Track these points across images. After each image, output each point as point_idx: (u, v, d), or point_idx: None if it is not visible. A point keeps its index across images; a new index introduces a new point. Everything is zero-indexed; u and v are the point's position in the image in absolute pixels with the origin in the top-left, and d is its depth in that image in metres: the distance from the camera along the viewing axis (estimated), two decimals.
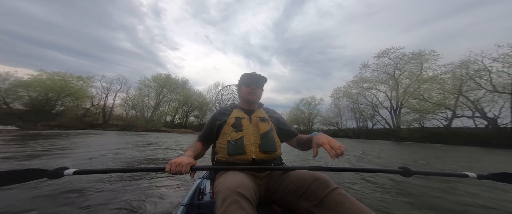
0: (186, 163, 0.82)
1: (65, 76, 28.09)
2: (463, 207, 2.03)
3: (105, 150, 5.47)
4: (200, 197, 1.10)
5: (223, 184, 0.72)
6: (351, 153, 7.00)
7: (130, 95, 34.27)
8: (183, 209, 0.97)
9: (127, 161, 4.13)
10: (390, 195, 2.28)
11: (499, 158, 7.46)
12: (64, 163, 3.26)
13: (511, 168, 5.28)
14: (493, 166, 5.43)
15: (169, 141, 10.04)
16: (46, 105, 26.59)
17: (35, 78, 25.47)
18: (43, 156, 4.24)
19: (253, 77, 1.15)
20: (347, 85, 33.42)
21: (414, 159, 6.22)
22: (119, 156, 4.72)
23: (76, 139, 8.81)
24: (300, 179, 0.82)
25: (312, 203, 0.74)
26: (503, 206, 2.09)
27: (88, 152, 5.02)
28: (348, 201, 0.67)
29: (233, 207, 0.61)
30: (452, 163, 5.67)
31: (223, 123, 1.08)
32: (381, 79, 28.82)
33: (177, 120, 39.10)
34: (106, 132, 17.57)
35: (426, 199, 2.23)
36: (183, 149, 6.49)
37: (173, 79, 37.46)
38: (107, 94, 32.15)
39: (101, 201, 1.90)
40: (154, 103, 35.69)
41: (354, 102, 32.21)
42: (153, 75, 36.40)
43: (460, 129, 20.74)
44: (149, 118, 33.39)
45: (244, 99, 1.19)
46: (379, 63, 28.57)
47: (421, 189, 2.55)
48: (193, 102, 38.32)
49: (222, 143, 1.03)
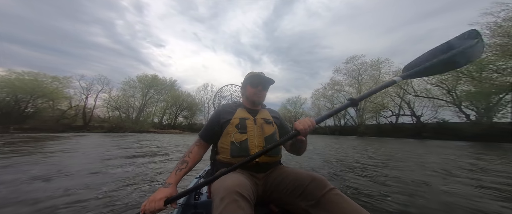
0: (158, 198, 0.78)
1: (38, 76, 26.19)
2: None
3: (78, 166, 3.45)
4: (197, 197, 1.08)
5: (221, 183, 0.72)
6: (325, 148, 8.79)
7: (113, 96, 33.16)
8: (179, 209, 0.96)
9: (103, 191, 2.20)
10: (389, 195, 2.20)
11: (410, 145, 10.30)
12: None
13: (408, 149, 7.26)
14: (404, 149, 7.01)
15: (163, 143, 8.77)
16: (16, 106, 24.59)
17: (3, 78, 23.43)
18: None
19: (261, 78, 1.10)
20: (323, 87, 37.86)
21: (353, 146, 7.74)
22: (91, 179, 2.65)
23: (46, 144, 7.10)
24: (298, 179, 0.83)
25: (309, 203, 0.75)
26: None
27: (46, 171, 3.04)
28: (344, 201, 0.69)
29: (231, 207, 0.61)
30: (379, 152, 6.96)
31: (226, 121, 1.05)
32: (349, 82, 33.93)
33: (166, 120, 38.55)
34: (89, 134, 16.34)
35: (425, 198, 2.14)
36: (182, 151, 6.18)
37: (160, 80, 36.78)
38: (88, 95, 30.76)
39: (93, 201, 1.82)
40: (139, 104, 35.13)
41: (330, 103, 36.86)
42: (138, 76, 35.34)
43: (402, 124, 26.61)
44: (135, 119, 32.90)
45: (249, 99, 1.14)
46: (348, 68, 33.44)
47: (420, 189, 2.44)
48: (181, 103, 38.09)
49: (225, 143, 1.00)
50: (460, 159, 5.10)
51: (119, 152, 5.59)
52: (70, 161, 4.08)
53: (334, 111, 0.85)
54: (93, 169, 3.32)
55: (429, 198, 2.19)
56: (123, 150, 5.99)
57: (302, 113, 45.41)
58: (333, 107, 35.09)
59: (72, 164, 3.67)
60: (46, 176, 2.79)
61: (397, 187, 2.58)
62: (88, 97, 30.63)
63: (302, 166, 4.03)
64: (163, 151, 6.08)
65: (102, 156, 4.68)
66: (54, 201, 1.92)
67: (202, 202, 1.04)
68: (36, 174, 2.89)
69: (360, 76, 31.93)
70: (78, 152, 5.40)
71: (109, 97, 32.44)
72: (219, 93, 1.70)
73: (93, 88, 30.99)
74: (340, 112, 0.91)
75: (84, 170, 3.19)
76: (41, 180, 2.61)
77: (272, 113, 1.21)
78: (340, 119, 36.58)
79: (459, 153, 6.71)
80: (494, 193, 2.36)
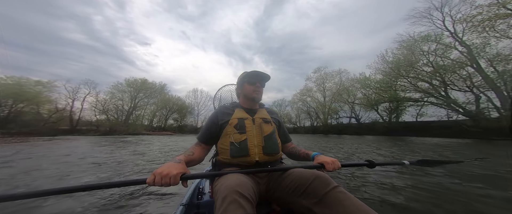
0: (174, 173, 0.71)
1: (20, 81, 25.67)
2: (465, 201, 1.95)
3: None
4: (199, 196, 1.09)
5: (223, 183, 0.72)
6: (305, 142, 11.24)
7: (100, 99, 33.17)
8: (182, 209, 0.96)
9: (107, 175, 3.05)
10: (390, 192, 2.20)
11: (351, 140, 11.99)
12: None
13: (343, 144, 9.09)
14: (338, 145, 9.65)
15: (168, 144, 9.21)
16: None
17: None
18: None
19: (257, 75, 1.11)
20: (299, 92, 43.27)
21: (315, 144, 9.61)
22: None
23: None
24: (301, 178, 0.81)
25: (312, 201, 0.74)
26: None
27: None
28: (348, 199, 0.68)
29: (232, 207, 0.61)
30: (327, 146, 8.71)
31: (225, 123, 1.04)
32: (317, 89, 40.10)
33: (156, 123, 39.47)
34: (75, 137, 16.06)
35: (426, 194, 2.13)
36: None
37: (149, 84, 37.54)
38: (74, 98, 30.45)
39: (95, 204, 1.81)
40: (128, 107, 35.54)
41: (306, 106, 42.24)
42: (127, 80, 35.83)
43: (351, 124, 33.79)
44: (123, 121, 33.38)
45: (247, 97, 1.13)
46: (316, 76, 39.70)
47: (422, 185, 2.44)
48: (172, 107, 39.31)
49: (224, 144, 1.00)
50: (360, 146, 8.20)
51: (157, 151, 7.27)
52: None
53: (353, 163, 1.05)
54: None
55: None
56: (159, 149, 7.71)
57: (286, 114, 49.36)
58: (307, 109, 41.50)
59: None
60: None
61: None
62: (74, 101, 30.39)
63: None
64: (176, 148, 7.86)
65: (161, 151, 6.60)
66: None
67: (205, 202, 1.06)
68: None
69: (324, 84, 38.61)
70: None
71: (96, 101, 32.47)
72: (219, 93, 1.67)
73: (80, 92, 30.87)
74: (356, 166, 1.29)
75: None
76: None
77: (270, 112, 1.21)
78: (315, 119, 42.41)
79: (367, 142, 10.13)
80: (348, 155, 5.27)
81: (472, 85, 16.52)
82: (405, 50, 21.14)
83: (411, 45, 20.54)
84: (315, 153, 1.02)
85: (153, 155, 5.59)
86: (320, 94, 39.07)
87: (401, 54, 21.72)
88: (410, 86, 21.64)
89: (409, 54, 20.65)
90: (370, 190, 2.29)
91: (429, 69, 19.45)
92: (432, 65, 19.16)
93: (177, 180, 0.72)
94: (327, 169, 0.89)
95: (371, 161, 0.99)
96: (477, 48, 16.04)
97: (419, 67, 20.09)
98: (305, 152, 1.09)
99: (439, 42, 18.67)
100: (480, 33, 15.49)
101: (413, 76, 20.81)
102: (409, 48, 20.73)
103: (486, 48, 15.55)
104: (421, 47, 19.87)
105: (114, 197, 1.98)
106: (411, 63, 20.22)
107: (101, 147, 8.02)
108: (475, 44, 16.17)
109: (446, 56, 18.23)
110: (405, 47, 21.19)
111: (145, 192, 2.11)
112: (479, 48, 15.94)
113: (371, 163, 0.98)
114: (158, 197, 2.00)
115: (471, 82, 16.61)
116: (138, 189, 2.17)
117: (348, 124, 33.66)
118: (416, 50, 20.13)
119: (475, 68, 16.20)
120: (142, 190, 2.16)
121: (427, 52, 19.41)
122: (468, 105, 16.90)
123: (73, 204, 1.84)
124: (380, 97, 25.48)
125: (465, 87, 17.16)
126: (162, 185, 0.70)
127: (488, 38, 15.28)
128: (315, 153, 1.02)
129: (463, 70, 17.10)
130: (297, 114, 45.33)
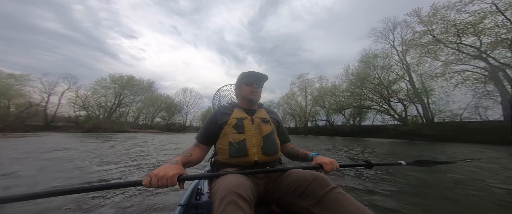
0: (171, 174, 0.70)
1: None
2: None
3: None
4: (198, 197, 1.09)
5: (221, 184, 0.72)
6: (298, 142, 12.19)
7: (80, 95, 31.55)
8: (180, 209, 0.96)
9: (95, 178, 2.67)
10: (388, 193, 2.20)
11: (325, 141, 13.42)
12: None
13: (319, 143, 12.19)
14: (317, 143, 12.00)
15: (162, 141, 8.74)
16: None
17: None
18: None
19: (255, 76, 1.12)
20: (284, 95, 45.89)
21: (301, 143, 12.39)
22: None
23: None
24: (300, 179, 0.81)
25: (311, 202, 0.74)
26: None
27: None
28: (346, 200, 0.68)
29: (230, 207, 0.61)
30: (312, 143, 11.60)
31: (224, 123, 1.04)
32: (300, 93, 43.35)
33: (142, 120, 38.59)
34: (50, 133, 15.10)
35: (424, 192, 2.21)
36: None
37: (136, 81, 36.40)
38: (50, 93, 28.63)
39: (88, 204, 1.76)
40: (111, 104, 34.19)
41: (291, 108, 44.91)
42: (111, 76, 34.40)
43: (326, 126, 36.91)
44: (105, 118, 32.13)
45: (245, 98, 1.14)
46: (299, 82, 42.87)
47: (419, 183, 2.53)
48: (160, 105, 38.61)
49: (223, 144, 1.00)
50: (333, 144, 9.97)
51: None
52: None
53: (351, 164, 1.12)
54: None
55: None
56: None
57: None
58: (292, 111, 44.30)
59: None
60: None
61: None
62: (50, 96, 28.62)
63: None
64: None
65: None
66: None
67: (203, 203, 1.05)
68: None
69: (306, 89, 42.02)
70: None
71: (76, 97, 30.87)
72: (219, 93, 1.65)
73: (57, 86, 29.16)
74: (354, 167, 1.42)
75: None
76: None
77: (269, 112, 1.21)
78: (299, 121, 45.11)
79: (339, 142, 12.07)
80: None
81: (403, 98, 22.25)
82: (363, 64, 25.65)
83: (368, 60, 24.73)
84: (313, 154, 1.03)
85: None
86: (302, 98, 42.43)
87: (360, 67, 26.47)
88: (365, 96, 26.05)
89: (365, 67, 25.18)
90: (368, 190, 2.27)
91: (377, 82, 23.93)
92: (380, 79, 23.72)
93: (174, 181, 0.70)
94: (326, 169, 0.89)
95: (369, 161, 1.00)
96: (412, 64, 21.09)
97: (370, 81, 24.53)
98: (304, 152, 1.10)
99: (385, 59, 23.41)
100: (417, 54, 20.01)
101: (369, 88, 25.29)
102: (366, 63, 25.08)
103: (420, 66, 20.37)
104: (374, 63, 24.04)
105: (111, 199, 1.92)
106: (366, 76, 24.76)
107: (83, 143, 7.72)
108: (410, 62, 21.25)
109: (392, 71, 23.04)
110: (364, 62, 25.49)
111: (143, 193, 2.07)
112: (411, 66, 21.14)
113: (369, 164, 0.99)
114: (157, 198, 1.98)
115: (404, 95, 22.15)
116: (136, 190, 2.13)
117: (324, 126, 37.52)
118: (370, 65, 24.55)
119: (409, 81, 21.79)
120: (140, 191, 2.11)
121: (377, 67, 23.95)
122: (402, 113, 22.84)
123: (67, 206, 1.74)
124: (343, 104, 30.33)
125: (397, 99, 23.00)
126: (158, 186, 0.68)
127: (421, 58, 19.70)
128: (313, 154, 1.03)
129: (397, 85, 22.46)
130: (283, 115, 47.55)
